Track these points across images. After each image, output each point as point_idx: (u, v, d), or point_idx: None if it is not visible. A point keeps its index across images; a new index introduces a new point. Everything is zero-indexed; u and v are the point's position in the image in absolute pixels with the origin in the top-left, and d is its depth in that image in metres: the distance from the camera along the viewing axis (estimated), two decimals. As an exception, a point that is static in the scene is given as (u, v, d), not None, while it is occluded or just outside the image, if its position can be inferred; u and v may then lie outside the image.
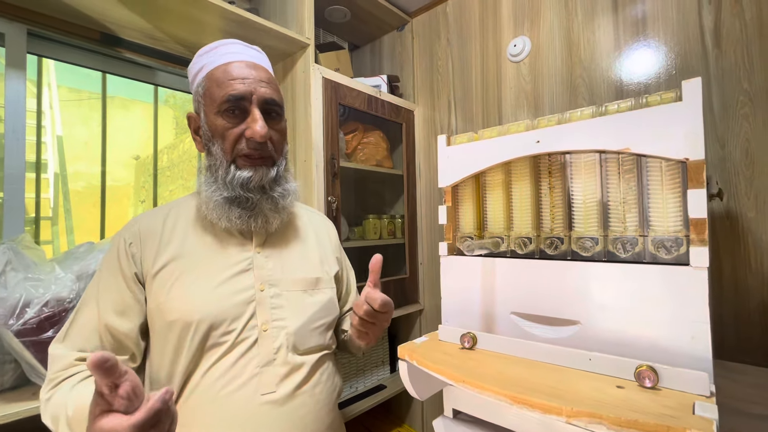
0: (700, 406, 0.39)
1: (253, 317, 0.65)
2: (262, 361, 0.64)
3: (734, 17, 0.89)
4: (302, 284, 0.72)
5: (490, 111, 1.34)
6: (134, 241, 0.66)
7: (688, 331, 0.46)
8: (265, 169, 0.68)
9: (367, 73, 1.73)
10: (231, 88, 0.65)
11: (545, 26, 1.21)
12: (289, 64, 1.25)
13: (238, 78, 0.66)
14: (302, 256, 0.75)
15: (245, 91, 0.65)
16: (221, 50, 0.69)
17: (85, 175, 1.83)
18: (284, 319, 0.68)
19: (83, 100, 1.90)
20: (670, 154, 0.48)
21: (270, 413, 0.62)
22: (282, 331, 0.67)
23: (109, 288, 0.64)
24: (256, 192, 0.66)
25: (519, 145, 0.61)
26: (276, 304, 0.68)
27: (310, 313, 0.71)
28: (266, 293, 0.67)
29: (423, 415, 1.51)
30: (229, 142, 0.66)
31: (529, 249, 0.63)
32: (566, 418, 0.41)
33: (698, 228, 0.46)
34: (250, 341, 0.64)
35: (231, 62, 0.68)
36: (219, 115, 0.66)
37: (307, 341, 0.69)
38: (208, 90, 0.67)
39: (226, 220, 0.65)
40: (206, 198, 0.66)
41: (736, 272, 0.88)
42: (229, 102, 0.64)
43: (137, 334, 0.64)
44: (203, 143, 0.70)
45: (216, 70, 0.67)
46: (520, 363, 0.55)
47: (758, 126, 0.86)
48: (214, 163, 0.67)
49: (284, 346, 0.66)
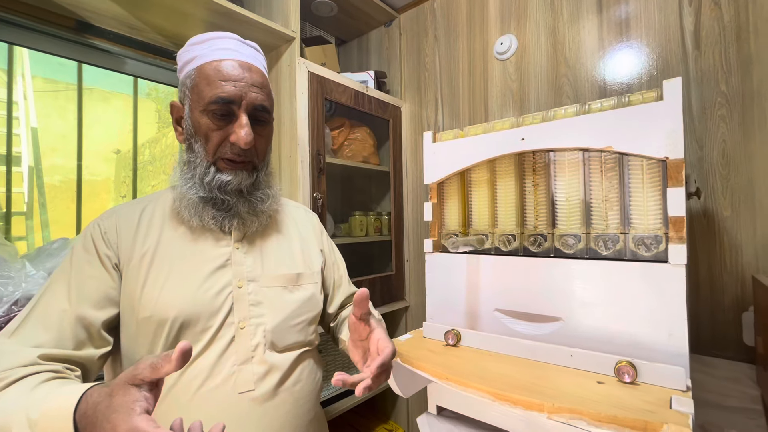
0: (677, 400, 0.40)
1: (231, 314, 0.64)
2: (239, 359, 0.62)
3: (713, 20, 0.91)
4: (282, 280, 0.71)
5: (476, 108, 1.35)
6: (110, 230, 0.63)
7: (666, 327, 0.46)
8: (245, 174, 0.66)
9: (354, 69, 1.72)
10: (221, 89, 0.62)
11: (531, 25, 1.21)
12: (275, 57, 1.23)
13: (230, 79, 0.63)
14: (283, 252, 0.74)
15: (235, 95, 0.63)
16: (216, 44, 0.66)
17: (62, 169, 1.77)
18: (262, 315, 0.66)
19: (60, 91, 1.83)
20: (651, 153, 0.49)
21: (249, 411, 0.61)
22: (260, 328, 0.65)
23: (85, 276, 0.60)
24: (233, 195, 0.65)
25: (504, 142, 0.61)
26: (254, 300, 0.66)
27: (290, 309, 0.70)
28: (244, 290, 0.66)
29: (408, 412, 1.51)
30: (212, 144, 0.64)
31: (513, 246, 0.63)
32: (547, 414, 0.42)
33: (677, 226, 0.47)
34: (227, 339, 0.62)
35: (224, 59, 0.65)
36: (204, 114, 0.63)
37: (286, 338, 0.68)
38: (196, 85, 0.64)
39: (199, 219, 0.64)
40: (181, 194, 0.64)
41: (711, 269, 0.90)
42: (216, 103, 0.62)
43: (107, 329, 0.61)
44: (185, 137, 0.67)
45: (208, 66, 0.64)
46: (503, 359, 0.56)
47: (734, 127, 0.88)
48: (193, 160, 0.65)
49: (262, 344, 0.65)
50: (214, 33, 0.68)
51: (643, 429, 0.37)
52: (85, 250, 0.62)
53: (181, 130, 0.69)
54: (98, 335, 0.59)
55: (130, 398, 0.40)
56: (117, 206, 0.69)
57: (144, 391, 0.41)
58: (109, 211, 0.67)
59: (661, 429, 0.36)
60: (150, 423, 0.38)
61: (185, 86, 0.66)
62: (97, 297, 0.60)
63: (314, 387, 0.72)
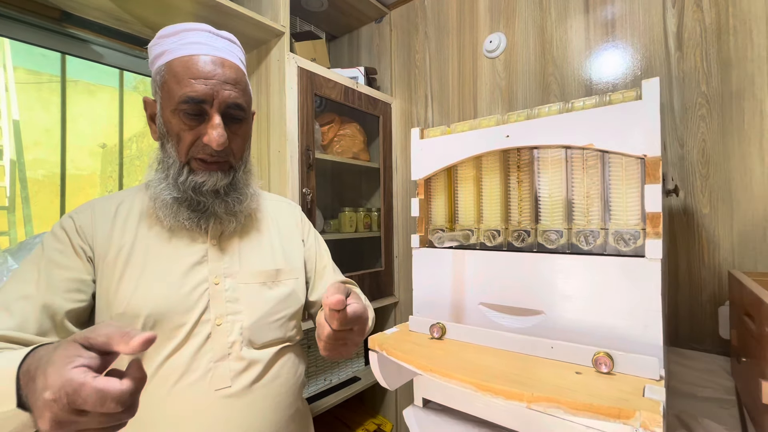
0: (650, 389, 0.42)
1: (207, 311, 0.63)
2: (216, 356, 0.62)
3: (695, 22, 0.93)
4: (261, 276, 0.70)
5: (465, 106, 1.36)
6: (86, 224, 0.62)
7: (641, 319, 0.48)
8: (220, 174, 0.64)
9: (345, 65, 1.71)
10: (190, 88, 0.59)
11: (520, 24, 1.23)
12: (264, 52, 1.22)
13: (200, 77, 0.60)
14: (262, 248, 0.73)
15: (206, 94, 0.60)
16: (187, 37, 0.63)
17: (45, 163, 1.73)
18: (239, 312, 0.65)
19: (43, 83, 1.79)
20: (630, 151, 0.50)
21: (225, 408, 0.61)
22: (236, 324, 0.65)
23: (56, 265, 0.59)
24: (209, 196, 0.63)
25: (489, 139, 0.62)
26: (231, 297, 0.65)
27: (269, 306, 0.69)
28: (221, 286, 0.65)
29: (396, 406, 1.53)
30: (184, 145, 0.61)
31: (497, 241, 0.64)
32: (527, 403, 0.43)
33: (654, 221, 0.49)
34: (203, 335, 0.62)
35: (195, 55, 0.61)
36: (175, 114, 0.61)
37: (264, 335, 0.67)
38: (166, 83, 0.61)
39: (174, 220, 0.62)
40: (155, 194, 0.63)
41: (690, 265, 0.93)
42: (186, 103, 0.60)
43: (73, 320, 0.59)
44: (158, 135, 0.65)
45: (177, 62, 0.61)
46: (487, 352, 0.57)
47: (714, 127, 0.91)
48: (166, 160, 0.63)
49: (239, 341, 0.64)
50: (185, 24, 0.64)
51: (617, 416, 0.38)
52: (58, 240, 0.61)
53: (155, 127, 0.66)
54: (61, 325, 0.57)
55: (71, 352, 0.37)
56: (92, 201, 0.67)
57: (91, 352, 0.37)
58: (85, 205, 0.65)
59: (633, 415, 0.37)
60: (86, 374, 0.35)
61: (156, 83, 0.64)
62: (66, 287, 0.58)
63: (295, 381, 0.72)
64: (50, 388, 0.35)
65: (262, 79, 1.23)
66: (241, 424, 0.62)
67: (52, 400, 0.35)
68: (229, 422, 0.61)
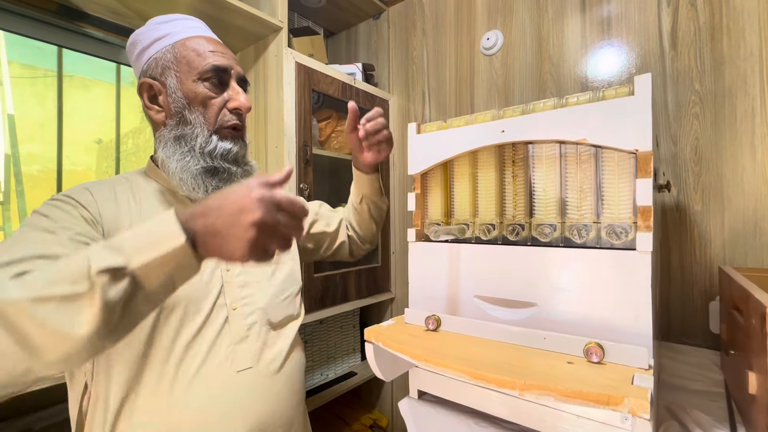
0: (639, 377, 0.43)
1: (221, 295, 0.65)
2: (234, 339, 0.64)
3: (689, 21, 0.95)
4: None
5: (462, 103, 1.36)
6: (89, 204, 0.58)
7: (632, 310, 0.49)
8: (242, 143, 0.69)
9: (342, 61, 1.71)
10: (214, 58, 0.65)
11: (517, 21, 1.24)
12: (261, 47, 1.22)
13: (217, 51, 0.67)
14: None
15: (227, 65, 0.66)
16: (187, 23, 0.69)
17: (40, 158, 1.72)
18: (253, 295, 0.69)
19: (38, 78, 1.78)
20: (622, 145, 0.51)
21: (247, 387, 0.64)
22: (252, 307, 0.68)
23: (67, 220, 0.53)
24: (233, 164, 0.67)
25: (485, 134, 0.63)
26: (243, 282, 0.68)
27: (277, 286, 0.73)
28: (232, 272, 0.68)
29: (392, 400, 1.54)
30: (212, 112, 0.65)
31: (492, 235, 0.65)
32: (519, 391, 0.44)
33: (645, 215, 0.50)
34: (221, 320, 0.64)
35: (203, 36, 0.68)
36: (200, 82, 0.64)
37: (278, 313, 0.71)
38: (184, 57, 0.64)
39: (203, 192, 0.63)
40: (180, 168, 0.62)
41: (682, 261, 0.95)
42: (213, 71, 0.65)
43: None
44: (170, 112, 0.65)
45: (190, 40, 0.66)
46: (481, 343, 0.58)
47: (706, 125, 0.92)
48: (189, 133, 0.64)
49: (257, 323, 0.67)
50: (178, 15, 0.70)
51: (606, 402, 0.39)
52: (60, 209, 0.55)
53: (158, 108, 0.66)
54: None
55: (244, 185, 0.42)
56: (84, 184, 0.63)
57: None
58: (78, 187, 0.61)
59: (622, 402, 0.38)
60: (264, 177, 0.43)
61: (166, 60, 0.65)
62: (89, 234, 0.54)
63: (301, 368, 0.76)
64: (246, 206, 0.41)
65: (259, 75, 1.23)
66: (264, 403, 0.65)
67: (257, 206, 0.40)
68: (251, 401, 0.64)
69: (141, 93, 0.67)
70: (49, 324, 0.36)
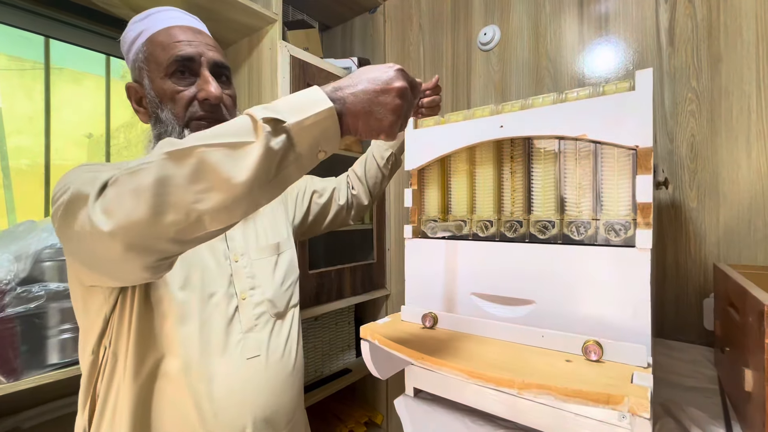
0: (638, 375, 0.42)
1: (231, 285, 0.67)
2: (244, 328, 0.66)
3: (687, 17, 0.94)
4: (267, 251, 0.75)
5: (459, 99, 1.35)
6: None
7: (631, 308, 0.49)
8: None
9: (338, 55, 1.69)
10: (178, 49, 0.63)
11: (515, 16, 1.22)
12: (255, 39, 1.20)
13: (184, 40, 0.64)
14: (261, 225, 0.78)
15: (194, 53, 0.64)
16: (159, 16, 0.67)
17: (29, 152, 1.68)
18: (260, 286, 0.70)
19: (26, 70, 1.74)
20: (622, 141, 0.50)
21: (256, 374, 0.65)
22: (260, 297, 0.70)
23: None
24: None
25: (483, 129, 0.62)
26: (250, 273, 0.70)
27: (280, 275, 0.75)
28: (240, 264, 0.69)
29: (387, 397, 1.54)
30: (180, 106, 0.63)
31: (490, 232, 0.64)
32: (518, 390, 0.43)
33: (644, 212, 0.49)
34: (232, 309, 0.66)
35: (173, 26, 0.66)
36: (167, 78, 0.63)
37: (282, 302, 0.74)
38: (151, 54, 0.64)
39: None
40: None
41: (677, 258, 0.95)
42: (177, 63, 0.63)
43: None
44: (149, 112, 0.66)
45: (158, 34, 0.64)
46: (478, 341, 0.57)
47: (703, 123, 0.92)
48: (165, 131, 0.64)
49: (266, 313, 0.70)
50: (155, 8, 0.68)
51: (605, 401, 0.39)
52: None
53: (143, 110, 0.68)
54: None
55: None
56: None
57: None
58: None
59: (622, 401, 0.38)
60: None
61: (139, 61, 0.65)
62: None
63: (302, 359, 0.78)
64: (392, 77, 0.44)
65: (253, 68, 1.21)
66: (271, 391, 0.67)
67: (400, 76, 0.44)
68: (260, 389, 0.66)
69: (129, 98, 0.69)
70: (219, 166, 0.37)
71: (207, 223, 0.39)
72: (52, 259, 0.78)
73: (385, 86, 0.43)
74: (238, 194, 0.38)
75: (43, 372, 0.76)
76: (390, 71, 0.44)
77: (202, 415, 0.60)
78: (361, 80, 0.44)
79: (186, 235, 0.40)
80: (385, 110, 0.43)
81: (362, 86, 0.43)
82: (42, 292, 0.75)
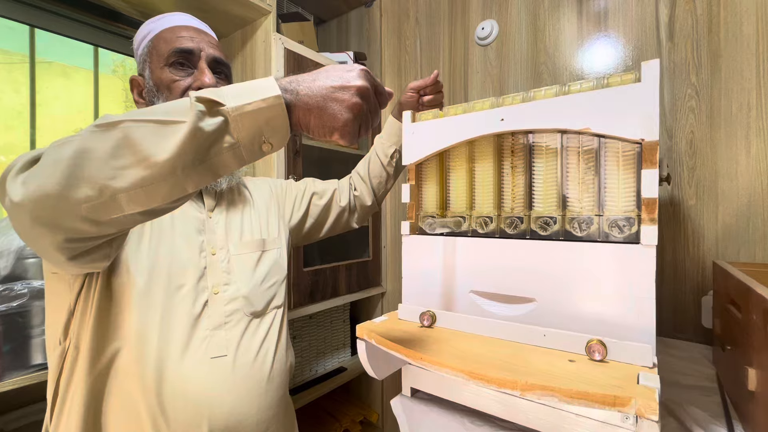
0: (644, 376, 0.41)
1: (203, 278, 0.64)
2: (212, 324, 0.63)
3: (687, 13, 0.93)
4: (250, 246, 0.72)
5: (456, 94, 1.34)
6: None
7: (635, 306, 0.47)
8: None
9: (333, 49, 1.67)
10: (179, 42, 0.66)
11: (513, 11, 1.21)
12: (249, 32, 1.17)
13: (186, 36, 0.67)
14: (248, 220, 0.76)
15: (194, 47, 0.66)
16: (168, 18, 0.71)
17: (18, 147, 1.64)
18: (236, 282, 0.67)
19: (14, 64, 1.69)
20: (627, 135, 0.49)
21: (221, 376, 0.61)
22: (234, 293, 0.66)
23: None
24: None
25: (483, 122, 0.60)
26: (227, 268, 0.67)
27: (261, 273, 0.72)
28: (217, 257, 0.67)
29: (383, 396, 1.52)
30: (175, 95, 0.64)
31: (489, 228, 0.63)
32: (520, 391, 0.42)
33: (649, 207, 0.48)
34: (201, 303, 0.63)
35: (178, 25, 0.69)
36: (166, 68, 0.65)
37: (261, 301, 0.70)
38: (155, 47, 0.67)
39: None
40: None
41: (675, 255, 0.94)
42: (177, 54, 0.65)
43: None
44: (147, 102, 0.68)
45: (164, 31, 0.68)
46: (478, 340, 0.56)
47: (702, 119, 0.91)
48: None
49: (239, 310, 0.66)
50: (167, 14, 0.72)
51: (612, 404, 0.37)
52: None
53: (143, 101, 0.69)
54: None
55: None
56: None
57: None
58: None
59: (629, 403, 0.37)
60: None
61: (144, 55, 0.68)
62: None
63: (285, 364, 0.73)
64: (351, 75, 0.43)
65: (246, 61, 1.18)
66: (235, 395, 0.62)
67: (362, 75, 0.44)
68: (222, 392, 0.61)
69: (132, 90, 0.71)
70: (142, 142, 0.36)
71: (123, 203, 0.37)
72: (35, 255, 0.75)
73: (345, 83, 0.42)
74: (157, 174, 0.36)
75: (26, 373, 0.73)
76: (354, 71, 0.44)
77: (152, 416, 0.56)
78: (321, 76, 0.43)
79: (100, 214, 0.37)
80: (341, 107, 0.42)
81: (320, 81, 0.42)
82: (25, 290, 0.73)
